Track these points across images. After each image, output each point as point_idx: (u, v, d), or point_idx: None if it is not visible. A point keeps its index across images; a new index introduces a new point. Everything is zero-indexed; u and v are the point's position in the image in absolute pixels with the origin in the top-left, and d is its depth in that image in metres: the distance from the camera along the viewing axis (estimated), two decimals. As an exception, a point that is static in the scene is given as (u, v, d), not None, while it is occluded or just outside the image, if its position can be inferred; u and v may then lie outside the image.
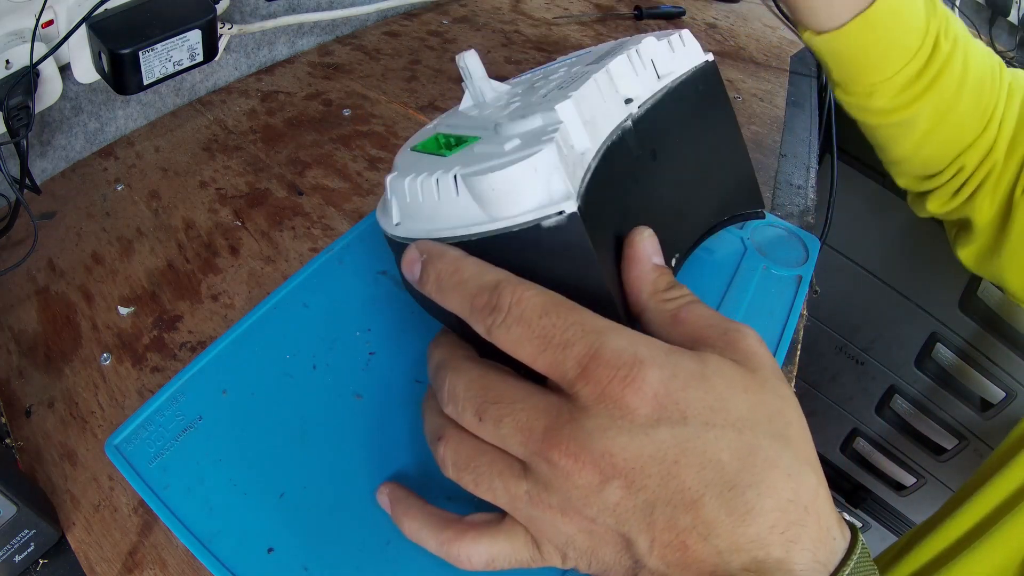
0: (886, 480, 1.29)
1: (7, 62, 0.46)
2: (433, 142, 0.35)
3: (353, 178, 0.59)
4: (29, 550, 0.35)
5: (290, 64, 0.74)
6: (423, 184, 0.30)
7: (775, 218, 0.50)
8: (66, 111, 0.58)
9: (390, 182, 0.33)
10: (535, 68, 0.47)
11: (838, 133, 0.74)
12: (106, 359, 0.45)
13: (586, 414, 0.23)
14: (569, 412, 0.24)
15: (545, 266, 0.30)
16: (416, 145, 0.36)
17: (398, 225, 0.33)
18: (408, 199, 0.32)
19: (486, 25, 0.84)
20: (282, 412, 0.41)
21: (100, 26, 0.48)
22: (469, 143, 0.32)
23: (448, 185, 0.29)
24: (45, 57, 0.47)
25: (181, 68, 0.53)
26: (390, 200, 0.33)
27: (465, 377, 0.27)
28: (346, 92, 0.70)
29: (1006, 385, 1.02)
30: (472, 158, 0.30)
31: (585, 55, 0.43)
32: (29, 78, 0.47)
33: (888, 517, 1.34)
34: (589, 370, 0.23)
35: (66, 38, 0.48)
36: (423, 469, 0.39)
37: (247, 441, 0.40)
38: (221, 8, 0.59)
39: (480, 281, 0.26)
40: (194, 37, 0.52)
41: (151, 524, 0.37)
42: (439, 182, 0.30)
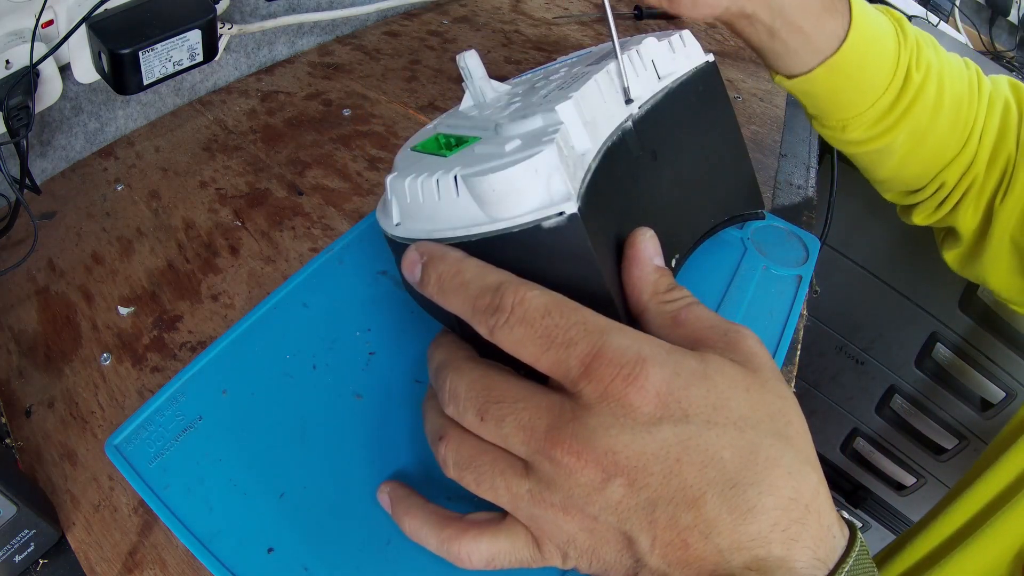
0: (886, 480, 1.29)
1: (7, 62, 0.46)
2: (433, 142, 0.35)
3: (353, 178, 0.59)
4: (29, 550, 0.35)
5: (290, 64, 0.74)
6: (423, 184, 0.30)
7: (775, 218, 0.50)
8: (66, 111, 0.58)
9: (390, 182, 0.33)
10: (535, 68, 0.47)
11: (838, 133, 0.74)
12: (106, 359, 0.45)
13: (589, 412, 0.24)
14: (572, 410, 0.24)
15: (545, 267, 0.30)
16: (416, 145, 0.36)
17: (398, 225, 0.33)
18: (408, 199, 0.32)
19: (486, 25, 0.84)
20: (282, 412, 0.41)
21: (100, 26, 0.48)
22: (469, 143, 0.32)
23: (448, 185, 0.29)
24: (45, 57, 0.47)
25: (181, 68, 0.53)
26: (390, 200, 0.33)
27: (467, 377, 0.27)
28: (346, 92, 0.69)
29: (1006, 385, 1.02)
30: (472, 159, 0.30)
31: (585, 55, 0.43)
32: (29, 78, 0.47)
33: (888, 517, 1.34)
34: (592, 368, 0.24)
35: (66, 38, 0.48)
36: (423, 469, 0.39)
37: (247, 441, 0.40)
38: (221, 8, 0.59)
39: (482, 283, 0.27)
40: (194, 37, 0.52)
41: (151, 524, 0.37)
42: (439, 182, 0.30)
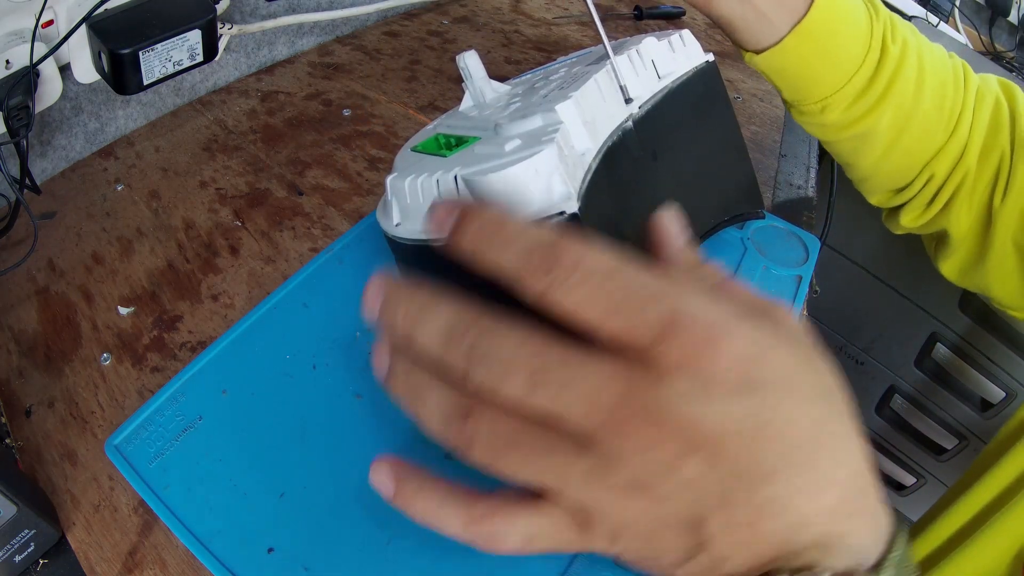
0: (886, 480, 1.29)
1: (7, 62, 0.46)
2: (433, 142, 0.35)
3: (353, 178, 0.59)
4: (29, 550, 0.35)
5: (290, 64, 0.74)
6: (423, 184, 0.30)
7: (775, 218, 0.50)
8: (66, 111, 0.58)
9: (390, 182, 0.33)
10: (535, 68, 0.47)
11: (838, 133, 0.74)
12: (106, 359, 0.45)
13: (666, 381, 0.21)
14: (645, 378, 0.21)
15: (545, 266, 0.30)
16: (416, 145, 0.36)
17: (398, 225, 0.33)
18: (408, 199, 0.32)
19: (486, 25, 0.84)
20: (282, 412, 0.41)
21: (100, 26, 0.48)
22: (469, 143, 0.32)
23: (448, 186, 0.29)
24: (45, 57, 0.47)
25: (181, 68, 0.53)
26: (390, 200, 0.33)
27: (510, 338, 0.22)
28: (346, 92, 0.69)
29: (1006, 385, 1.02)
30: (472, 158, 0.30)
31: (585, 55, 0.43)
32: (29, 78, 0.47)
33: (888, 517, 1.33)
34: (669, 333, 0.21)
35: (66, 38, 0.48)
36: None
37: (247, 441, 0.40)
38: (221, 8, 0.59)
39: (535, 236, 0.22)
40: (194, 37, 0.52)
41: (151, 524, 0.37)
42: (439, 182, 0.30)
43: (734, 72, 0.79)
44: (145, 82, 0.51)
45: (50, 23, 0.49)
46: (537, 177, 0.27)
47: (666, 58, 0.38)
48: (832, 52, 0.42)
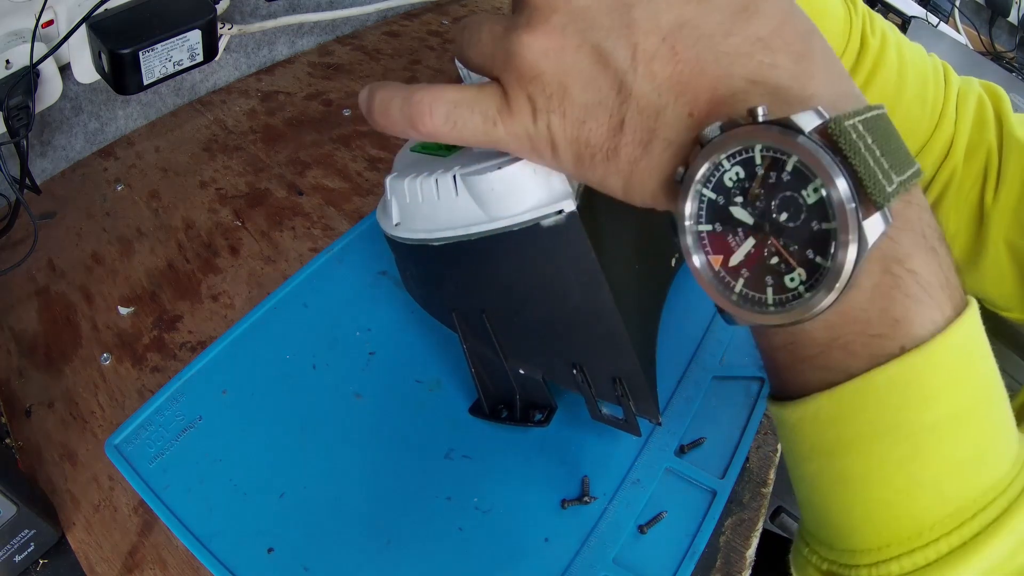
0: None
1: (7, 62, 0.46)
2: (433, 142, 0.35)
3: (353, 178, 0.59)
4: (29, 550, 0.35)
5: (290, 64, 0.74)
6: (423, 184, 0.30)
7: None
8: (66, 111, 0.58)
9: (390, 183, 0.33)
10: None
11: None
12: (106, 359, 0.45)
13: None
14: None
15: (544, 264, 0.30)
16: (416, 145, 0.36)
17: (398, 225, 0.33)
18: (408, 199, 0.32)
19: (486, 25, 0.84)
20: (282, 412, 0.41)
21: (100, 26, 0.48)
22: (469, 143, 0.32)
23: (447, 185, 0.29)
24: (45, 57, 0.47)
25: (181, 68, 0.53)
26: (390, 200, 0.33)
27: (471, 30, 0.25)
28: (346, 92, 0.69)
29: (1006, 385, 1.02)
30: (471, 158, 0.30)
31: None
32: (29, 78, 0.47)
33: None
34: None
35: (66, 38, 0.48)
36: (423, 469, 0.39)
37: (247, 441, 0.40)
38: (221, 8, 0.59)
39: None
40: (194, 37, 0.52)
41: (151, 524, 0.37)
42: (438, 182, 0.30)
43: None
44: (145, 82, 0.51)
45: (50, 23, 0.49)
46: (535, 175, 0.27)
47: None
48: None
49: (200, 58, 0.54)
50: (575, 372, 0.34)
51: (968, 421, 0.20)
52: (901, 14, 0.96)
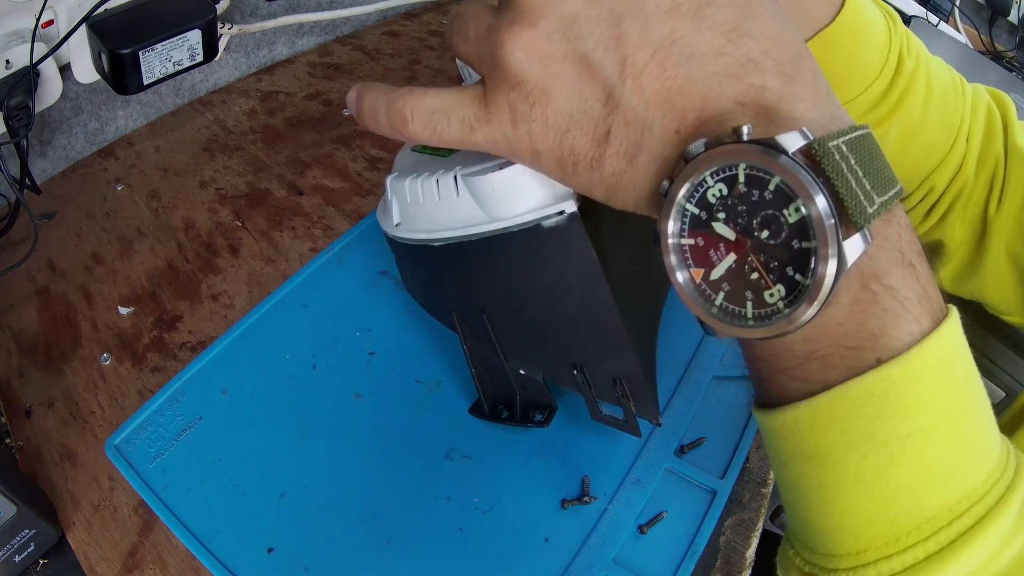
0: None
1: (7, 62, 0.46)
2: (433, 142, 0.35)
3: (353, 178, 0.59)
4: (29, 550, 0.35)
5: (290, 64, 0.74)
6: (423, 185, 0.30)
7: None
8: (66, 111, 0.58)
9: (390, 183, 0.33)
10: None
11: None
12: (106, 359, 0.45)
13: None
14: None
15: (545, 265, 0.30)
16: (416, 145, 0.36)
17: (398, 225, 0.33)
18: (408, 200, 0.32)
19: (486, 25, 0.84)
20: (282, 412, 0.41)
21: (100, 26, 0.48)
22: (469, 143, 0.32)
23: (448, 185, 0.29)
24: (45, 57, 0.47)
25: (181, 68, 0.53)
26: (390, 201, 0.33)
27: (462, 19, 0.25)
28: (346, 92, 0.69)
29: (1006, 385, 1.02)
30: (472, 158, 0.30)
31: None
32: (29, 78, 0.47)
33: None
34: None
35: (66, 38, 0.48)
36: (423, 469, 0.39)
37: (247, 441, 0.40)
38: (221, 8, 0.58)
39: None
40: (194, 37, 0.52)
41: (151, 524, 0.37)
42: (439, 183, 0.30)
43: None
44: (145, 82, 0.51)
45: (50, 23, 0.49)
46: (536, 176, 0.27)
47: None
48: (853, 60, 0.42)
49: (200, 58, 0.54)
50: (575, 372, 0.34)
51: (945, 431, 0.20)
52: (901, 14, 0.96)
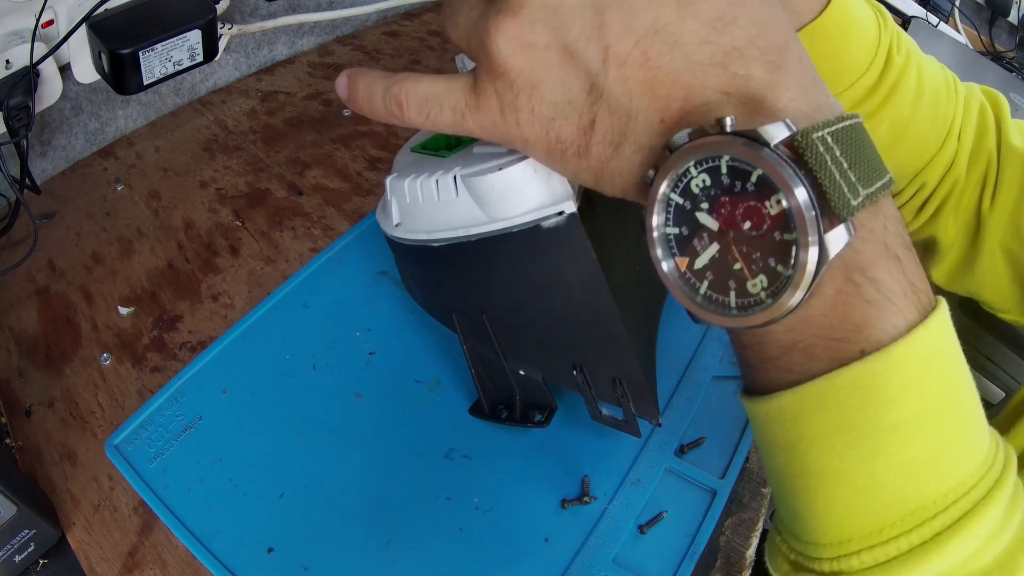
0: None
1: (7, 62, 0.46)
2: (433, 142, 0.35)
3: (353, 178, 0.59)
4: (29, 550, 0.35)
5: (290, 64, 0.74)
6: (423, 185, 0.30)
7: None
8: (66, 111, 0.58)
9: (390, 183, 0.33)
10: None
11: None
12: (106, 359, 0.45)
13: None
14: None
15: (544, 265, 0.30)
16: (416, 146, 0.36)
17: (398, 226, 0.34)
18: (408, 200, 0.32)
19: (486, 25, 0.84)
20: (282, 412, 0.41)
21: (100, 26, 0.48)
22: (468, 143, 0.32)
23: (448, 186, 0.29)
24: (45, 57, 0.47)
25: (181, 68, 0.53)
26: (390, 201, 0.33)
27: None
28: (346, 92, 0.69)
29: (1006, 385, 1.02)
30: (471, 159, 0.30)
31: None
32: (29, 78, 0.47)
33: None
34: None
35: (66, 38, 0.48)
36: (423, 469, 0.39)
37: (247, 441, 0.40)
38: (221, 8, 0.58)
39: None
40: (194, 37, 0.52)
41: (151, 524, 0.37)
42: (439, 183, 0.30)
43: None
44: (145, 82, 0.51)
45: (50, 23, 0.49)
46: (536, 176, 0.27)
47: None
48: (841, 54, 0.42)
49: (200, 58, 0.54)
50: (575, 373, 0.34)
51: (930, 424, 0.20)
52: (901, 14, 0.96)
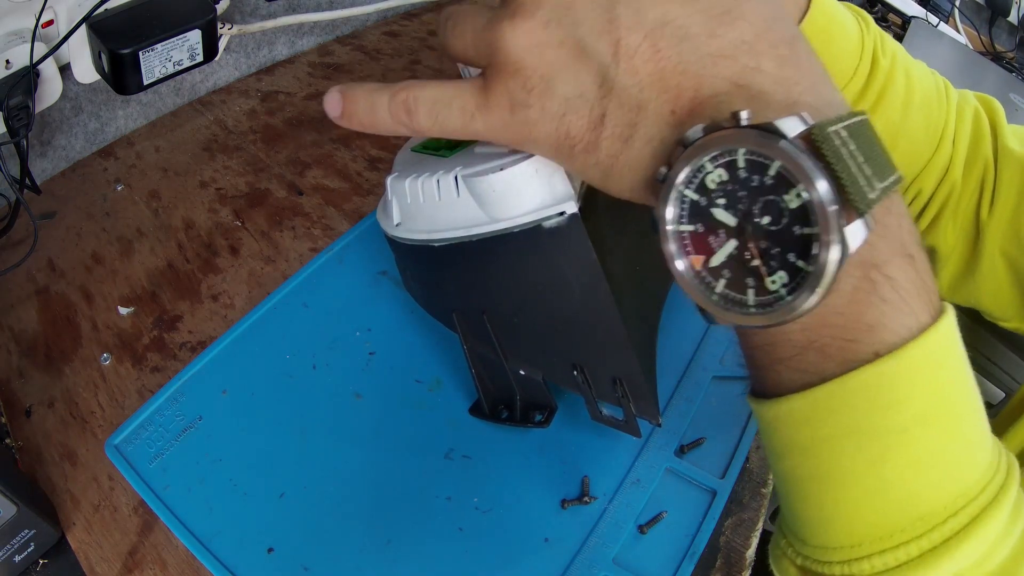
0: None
1: (7, 62, 0.46)
2: (433, 142, 0.35)
3: (353, 178, 0.59)
4: (29, 550, 0.35)
5: (290, 64, 0.74)
6: (424, 185, 0.30)
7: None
8: (66, 111, 0.58)
9: (390, 183, 0.33)
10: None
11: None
12: (106, 359, 0.45)
13: None
14: None
15: (546, 265, 0.30)
16: (416, 145, 0.36)
17: (398, 226, 0.33)
18: (409, 200, 0.32)
19: (486, 25, 0.84)
20: (282, 412, 0.41)
21: (100, 26, 0.48)
22: (469, 143, 0.32)
23: (449, 186, 0.29)
24: (45, 57, 0.47)
25: (181, 68, 0.53)
26: (390, 201, 0.33)
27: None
28: (346, 92, 0.69)
29: (1006, 385, 1.02)
30: (472, 159, 0.30)
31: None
32: (29, 78, 0.47)
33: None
34: None
35: (66, 38, 0.48)
36: (423, 469, 0.39)
37: (247, 441, 0.40)
38: (221, 8, 0.58)
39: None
40: (194, 37, 0.52)
41: (151, 524, 0.37)
42: (440, 183, 0.30)
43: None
44: (145, 82, 0.51)
45: (50, 23, 0.49)
46: (537, 177, 0.27)
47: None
48: (824, 60, 0.42)
49: (200, 58, 0.54)
50: (575, 373, 0.34)
51: (937, 426, 0.20)
52: (901, 14, 0.96)
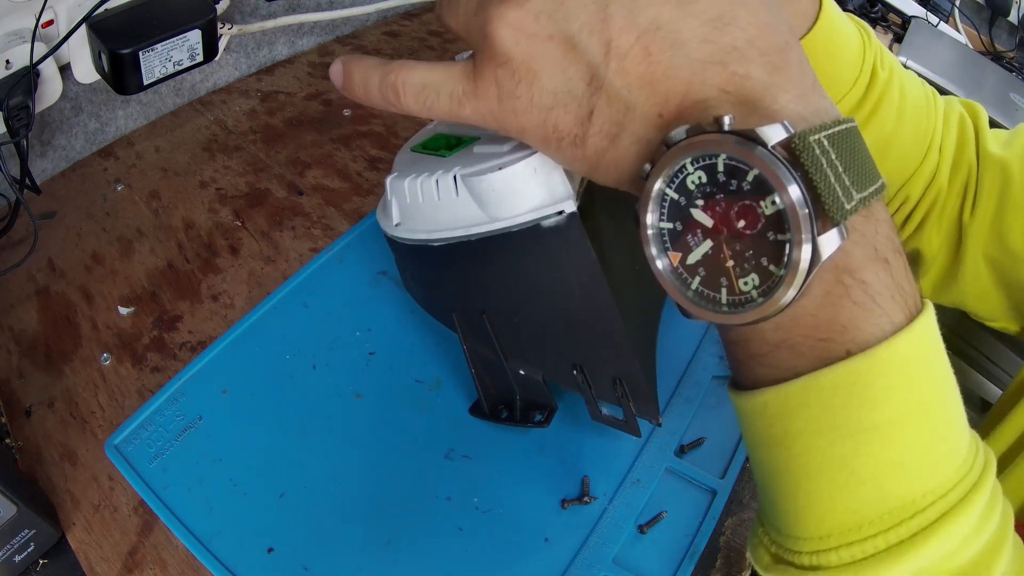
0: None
1: (7, 62, 0.46)
2: (433, 142, 0.35)
3: (353, 178, 0.59)
4: (29, 550, 0.35)
5: (290, 64, 0.74)
6: (423, 185, 0.30)
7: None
8: (66, 111, 0.58)
9: (390, 183, 0.33)
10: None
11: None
12: (106, 359, 0.45)
13: None
14: None
15: (545, 265, 0.30)
16: (416, 145, 0.36)
17: (398, 226, 0.34)
18: (408, 200, 0.32)
19: (486, 25, 0.84)
20: (282, 412, 0.41)
21: (100, 26, 0.48)
22: (468, 143, 0.32)
23: (448, 185, 0.29)
24: (45, 57, 0.47)
25: (181, 68, 0.53)
26: (390, 200, 0.33)
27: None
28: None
29: (1006, 385, 1.02)
30: (472, 158, 0.30)
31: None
32: (29, 78, 0.47)
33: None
34: None
35: (66, 38, 0.48)
36: (423, 469, 0.39)
37: (247, 441, 0.40)
38: (221, 8, 0.58)
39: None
40: (194, 37, 0.52)
41: (151, 524, 0.37)
42: (439, 183, 0.30)
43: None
44: (145, 82, 0.51)
45: (50, 23, 0.49)
46: (536, 176, 0.27)
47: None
48: (828, 71, 0.42)
49: (200, 58, 0.54)
50: (575, 373, 0.34)
51: (912, 425, 0.20)
52: (901, 14, 0.96)
